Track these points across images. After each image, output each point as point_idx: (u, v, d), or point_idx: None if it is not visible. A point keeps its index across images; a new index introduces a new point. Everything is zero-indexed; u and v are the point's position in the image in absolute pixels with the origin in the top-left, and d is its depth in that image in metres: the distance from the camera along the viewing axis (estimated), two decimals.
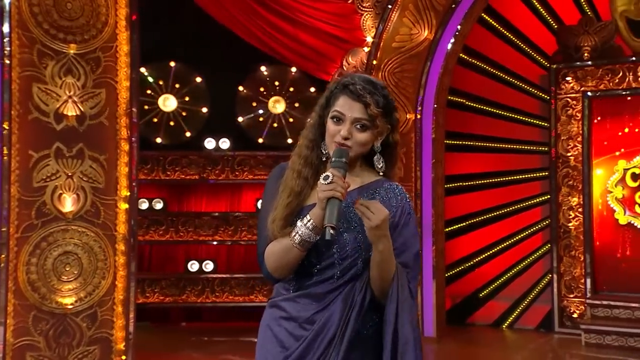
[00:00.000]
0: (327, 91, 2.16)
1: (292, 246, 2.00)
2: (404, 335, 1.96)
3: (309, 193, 2.10)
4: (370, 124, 2.05)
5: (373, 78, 2.13)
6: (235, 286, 7.70)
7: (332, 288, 2.03)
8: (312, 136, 2.17)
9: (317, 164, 2.13)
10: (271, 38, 7.61)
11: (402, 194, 2.12)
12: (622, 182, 7.34)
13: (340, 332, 1.97)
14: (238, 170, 7.75)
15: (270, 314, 2.15)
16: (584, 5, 7.67)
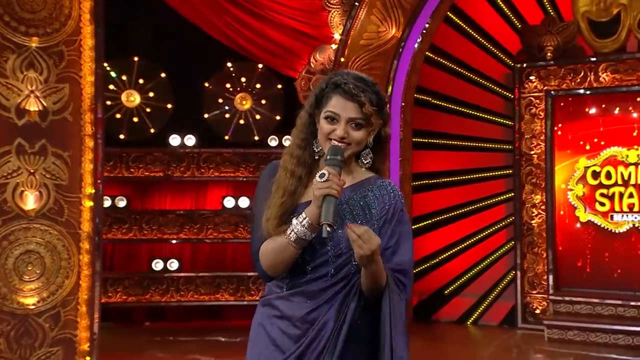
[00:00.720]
0: (317, 89, 2.14)
1: (288, 244, 2.00)
2: (399, 354, 1.95)
3: (302, 191, 2.09)
4: (365, 122, 2.05)
5: (363, 75, 2.11)
6: (201, 285, 7.61)
7: (325, 286, 2.03)
8: (304, 135, 2.15)
9: (310, 163, 2.13)
10: (238, 34, 7.53)
11: (395, 191, 2.13)
12: (582, 180, 7.49)
13: (334, 334, 1.98)
14: (204, 167, 7.66)
15: (262, 312, 2.14)
16: (546, 6, 7.79)
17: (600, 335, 6.77)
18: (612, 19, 7.31)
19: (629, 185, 7.29)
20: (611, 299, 7.01)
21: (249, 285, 7.60)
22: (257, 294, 7.59)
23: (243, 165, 7.67)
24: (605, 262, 7.36)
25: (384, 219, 2.05)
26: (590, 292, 7.23)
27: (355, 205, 2.08)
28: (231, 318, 7.91)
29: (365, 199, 2.09)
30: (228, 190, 7.87)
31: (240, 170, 7.67)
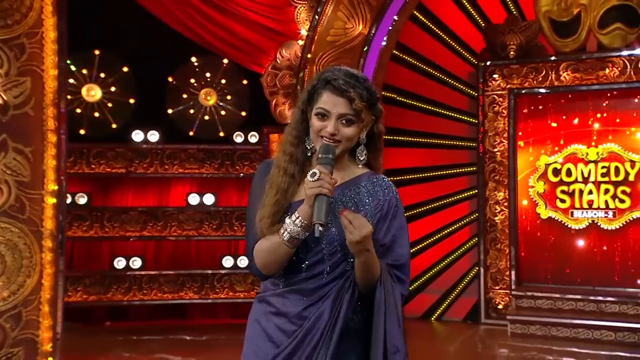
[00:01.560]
0: (308, 86, 2.13)
1: (281, 243, 2.00)
2: (393, 344, 1.96)
3: (296, 189, 2.09)
4: (355, 118, 2.05)
5: (354, 71, 2.10)
6: (165, 283, 7.49)
7: (322, 284, 2.04)
8: (296, 132, 2.15)
9: (302, 160, 2.13)
10: (202, 28, 7.42)
11: (389, 186, 2.13)
12: (544, 177, 7.63)
13: (329, 327, 1.98)
14: (167, 163, 7.54)
15: (258, 309, 2.14)
16: (509, 5, 7.88)
17: (562, 329, 6.91)
18: (572, 19, 7.44)
19: (589, 182, 7.45)
20: (571, 294, 7.15)
21: (214, 283, 7.50)
22: (222, 292, 7.51)
23: (208, 161, 7.57)
24: (566, 258, 7.52)
25: (379, 215, 2.07)
26: (552, 287, 7.38)
27: (349, 201, 2.08)
28: (195, 317, 7.82)
29: (359, 195, 2.10)
30: (192, 187, 7.77)
31: (205, 166, 7.57)
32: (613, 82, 7.26)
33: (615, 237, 7.36)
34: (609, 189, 7.37)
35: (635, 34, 7.18)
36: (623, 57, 7.22)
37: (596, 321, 6.83)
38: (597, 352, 6.24)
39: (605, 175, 7.38)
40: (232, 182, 7.85)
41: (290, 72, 7.23)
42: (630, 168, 7.30)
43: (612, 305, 6.95)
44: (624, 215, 7.31)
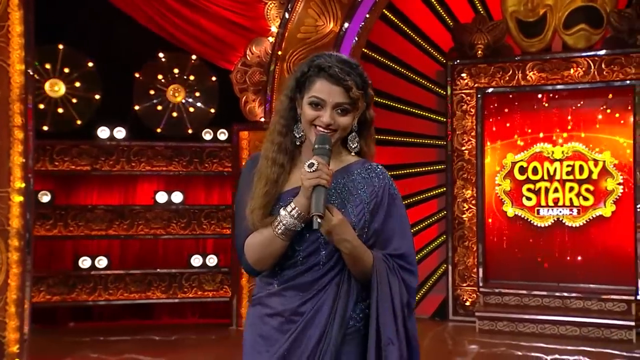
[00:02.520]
0: (297, 73, 2.04)
1: (275, 236, 1.93)
2: (386, 335, 1.91)
3: (286, 179, 2.02)
4: (351, 107, 1.98)
5: (345, 56, 2.03)
6: (131, 283, 7.36)
7: (318, 276, 1.97)
8: (284, 121, 2.07)
9: (291, 150, 2.05)
10: (170, 23, 7.33)
11: (384, 174, 2.08)
12: (510, 175, 7.73)
13: (329, 326, 1.92)
14: (134, 161, 7.40)
15: (254, 312, 2.07)
16: (477, 5, 7.96)
17: (528, 325, 7.02)
18: (538, 19, 7.55)
19: (554, 181, 7.57)
20: (537, 291, 7.26)
21: (182, 282, 7.40)
22: (190, 291, 7.42)
23: (176, 159, 7.46)
24: (532, 255, 7.63)
25: (375, 202, 2.00)
26: (518, 284, 7.48)
27: (343, 190, 2.01)
28: (162, 316, 7.72)
29: (354, 182, 2.03)
30: (160, 185, 7.66)
31: (173, 164, 7.46)
32: (578, 82, 7.39)
33: (579, 234, 7.51)
34: (573, 187, 7.51)
35: (599, 35, 7.33)
36: (587, 57, 7.35)
37: (561, 317, 6.96)
38: (563, 347, 6.35)
39: (570, 173, 7.52)
40: (201, 180, 7.76)
41: (261, 69, 7.18)
42: (594, 167, 7.45)
43: (576, 301, 7.08)
44: (588, 213, 7.46)
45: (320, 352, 1.91)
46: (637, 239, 7.10)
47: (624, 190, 7.33)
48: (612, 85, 7.31)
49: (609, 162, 7.39)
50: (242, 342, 2.09)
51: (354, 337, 1.97)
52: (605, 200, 7.39)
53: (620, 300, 6.94)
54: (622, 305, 6.92)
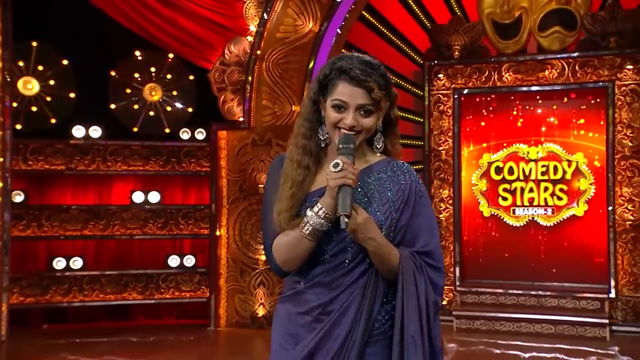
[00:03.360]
0: (320, 75, 2.04)
1: (302, 237, 1.95)
2: (409, 333, 1.91)
3: (312, 180, 2.04)
4: (374, 108, 1.98)
5: (367, 57, 2.02)
6: (107, 284, 7.26)
7: (343, 273, 1.98)
8: (309, 124, 2.07)
9: (316, 152, 2.06)
10: (147, 21, 7.25)
11: (410, 172, 2.07)
12: (486, 175, 7.81)
13: (355, 326, 1.93)
14: (110, 160, 7.31)
15: (282, 310, 2.08)
16: (454, 6, 8.03)
17: (505, 323, 7.10)
18: (514, 21, 7.65)
19: (529, 181, 7.68)
20: (513, 289, 7.36)
21: (159, 283, 7.33)
22: (167, 292, 7.35)
23: (153, 158, 7.38)
24: (508, 254, 7.73)
25: (401, 200, 2.01)
26: (495, 283, 7.56)
27: (369, 188, 2.02)
28: (138, 318, 7.63)
29: (380, 181, 2.03)
30: (136, 185, 7.57)
31: (150, 163, 7.38)
32: (552, 83, 7.50)
33: (553, 234, 7.62)
34: (548, 187, 7.62)
35: (573, 37, 7.45)
36: (561, 59, 7.46)
37: (537, 315, 7.06)
38: (540, 345, 6.44)
39: (544, 173, 7.63)
40: (178, 179, 7.69)
41: (239, 68, 7.15)
42: (568, 167, 7.57)
43: (551, 299, 7.19)
44: (561, 212, 7.58)
45: (345, 352, 1.92)
46: (609, 238, 7.23)
47: (596, 190, 7.46)
48: (585, 86, 7.44)
49: (581, 162, 7.52)
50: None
51: (379, 339, 1.97)
52: (578, 200, 7.52)
53: (593, 299, 7.06)
54: (595, 303, 7.05)
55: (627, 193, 7.19)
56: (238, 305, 7.21)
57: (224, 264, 7.25)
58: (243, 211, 7.23)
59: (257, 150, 7.18)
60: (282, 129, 7.10)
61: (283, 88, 7.07)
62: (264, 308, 7.13)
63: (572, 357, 5.99)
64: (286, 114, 7.11)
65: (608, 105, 7.29)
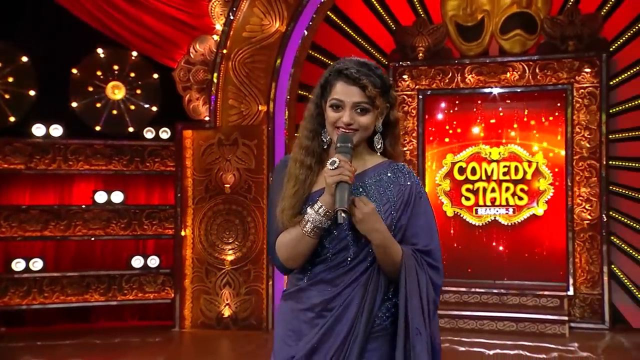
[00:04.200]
0: (321, 79, 2.13)
1: (304, 235, 2.00)
2: (414, 326, 1.96)
3: (314, 180, 2.10)
4: (370, 106, 2.04)
5: (366, 60, 2.10)
6: (68, 285, 7.11)
7: (345, 270, 2.03)
8: (312, 126, 2.15)
9: (319, 152, 2.13)
10: (110, 18, 7.13)
11: (410, 173, 2.13)
12: (449, 175, 7.93)
13: (357, 322, 1.98)
14: (72, 159, 7.15)
15: (285, 306, 2.13)
16: (418, 8, 8.11)
17: (468, 321, 7.21)
18: (476, 24, 7.78)
19: (491, 181, 7.82)
20: (476, 288, 7.48)
21: (122, 284, 7.22)
22: (130, 293, 7.24)
23: (116, 157, 7.26)
24: (471, 253, 7.86)
25: (401, 200, 2.06)
26: (458, 281, 7.67)
27: (370, 189, 2.07)
28: (100, 319, 7.50)
29: (381, 182, 2.08)
30: (98, 184, 7.43)
31: (112, 163, 7.26)
32: (514, 85, 7.65)
33: (514, 233, 7.78)
34: (509, 187, 7.78)
35: (533, 40, 7.61)
36: (522, 62, 7.61)
37: (499, 313, 7.19)
38: (503, 342, 6.56)
39: (506, 174, 7.78)
40: (142, 179, 7.59)
41: (205, 67, 7.09)
42: (528, 167, 7.74)
43: (513, 297, 7.33)
44: (522, 212, 7.74)
45: (347, 346, 1.97)
46: (568, 237, 7.41)
47: (555, 190, 7.64)
48: (545, 89, 7.60)
49: (541, 163, 7.69)
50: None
51: (380, 335, 2.03)
52: (538, 199, 7.69)
53: (553, 296, 7.22)
54: (555, 300, 7.21)
55: (584, 193, 7.38)
56: (203, 306, 7.15)
57: (189, 264, 7.19)
58: (209, 211, 7.17)
59: (223, 150, 7.13)
60: (249, 129, 7.07)
61: (250, 88, 7.04)
62: (229, 308, 7.09)
63: (535, 354, 6.12)
64: (253, 113, 7.08)
65: (567, 107, 7.46)
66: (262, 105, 7.02)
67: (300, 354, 2.01)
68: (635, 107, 7.32)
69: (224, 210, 7.14)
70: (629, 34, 7.34)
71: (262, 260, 7.08)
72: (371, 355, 2.00)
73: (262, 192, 7.06)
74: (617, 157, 7.39)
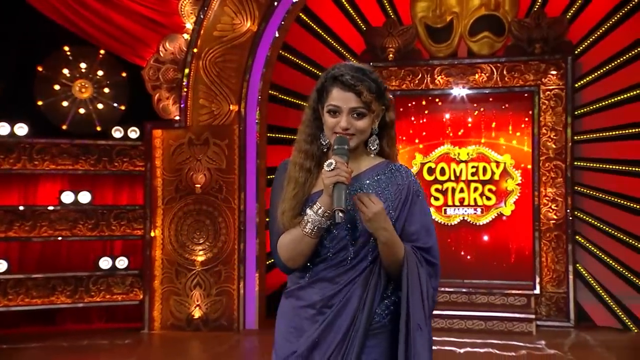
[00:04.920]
0: (318, 84, 2.18)
1: (304, 235, 2.06)
2: (416, 322, 2.02)
3: (314, 182, 2.16)
4: (366, 110, 2.10)
5: (360, 65, 2.16)
6: (33, 287, 6.96)
7: (346, 269, 2.09)
8: (310, 130, 2.21)
9: (318, 156, 2.18)
10: (77, 15, 7.01)
11: (408, 173, 2.19)
12: (419, 175, 7.98)
13: (358, 316, 2.04)
14: (37, 159, 7.01)
15: (287, 304, 2.19)
16: (388, 9, 8.14)
17: (438, 320, 7.25)
18: (446, 26, 7.85)
19: (460, 181, 7.91)
20: (445, 287, 7.55)
21: (89, 286, 7.09)
22: (97, 295, 7.13)
23: (83, 157, 7.13)
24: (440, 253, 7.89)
25: (399, 199, 2.12)
26: None
27: (368, 190, 2.13)
28: (65, 322, 7.36)
29: (379, 182, 2.15)
30: (64, 184, 7.29)
31: (79, 162, 7.13)
32: (482, 86, 7.73)
33: (482, 233, 7.89)
34: (477, 187, 7.88)
35: (501, 42, 7.72)
36: (490, 63, 7.70)
37: (468, 312, 7.26)
38: (472, 340, 6.63)
39: (474, 174, 7.88)
40: (110, 179, 7.47)
41: (175, 66, 7.02)
42: (496, 168, 7.85)
43: (481, 296, 7.42)
44: (490, 212, 7.85)
45: (348, 341, 2.03)
46: (534, 236, 7.53)
47: (522, 190, 7.76)
48: (513, 90, 7.70)
49: (509, 163, 7.81)
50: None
51: (379, 332, 2.09)
52: (505, 200, 7.81)
53: (520, 295, 7.33)
54: (522, 299, 7.32)
55: (551, 193, 7.51)
56: (173, 307, 7.07)
57: (158, 265, 7.10)
58: (179, 211, 7.09)
59: (193, 150, 7.06)
60: (220, 128, 7.02)
61: (221, 87, 6.98)
62: (200, 309, 7.03)
63: (504, 352, 6.20)
64: (224, 113, 7.02)
65: (534, 109, 7.58)
66: (234, 105, 6.98)
67: (302, 348, 2.07)
68: (600, 109, 7.47)
69: (195, 210, 7.07)
70: (594, 37, 7.48)
71: (233, 261, 7.03)
72: (371, 351, 2.07)
73: (233, 192, 7.02)
74: (582, 158, 7.53)
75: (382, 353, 2.08)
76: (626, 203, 7.26)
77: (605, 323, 7.27)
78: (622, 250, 7.26)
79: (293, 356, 2.09)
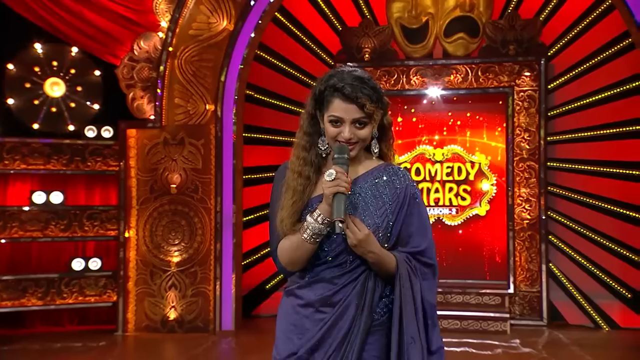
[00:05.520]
0: (315, 91, 2.17)
1: (303, 241, 2.10)
2: (409, 335, 2.05)
3: (313, 188, 2.18)
4: (368, 120, 2.13)
5: (358, 72, 2.15)
6: (3, 289, 6.82)
7: (346, 271, 2.13)
8: (308, 137, 2.22)
9: (317, 162, 2.19)
10: (49, 13, 6.88)
11: (405, 175, 2.21)
12: None
13: (357, 318, 2.08)
14: (7, 158, 6.87)
15: (287, 302, 2.23)
16: (363, 9, 8.14)
17: None
18: (421, 26, 7.87)
19: (435, 181, 7.95)
20: None
21: (61, 287, 6.97)
22: (70, 296, 7.00)
23: (55, 157, 7.01)
24: None
25: (396, 202, 2.16)
26: None
27: (367, 193, 2.17)
28: (35, 324, 7.22)
29: (377, 185, 2.18)
30: (35, 184, 7.15)
31: (51, 162, 7.00)
32: (457, 87, 7.78)
33: (457, 232, 7.94)
34: (452, 188, 7.93)
35: (476, 43, 7.77)
36: (465, 64, 7.76)
37: (444, 311, 7.29)
38: (448, 339, 6.67)
39: (449, 174, 7.93)
40: (83, 179, 7.34)
41: (150, 65, 6.93)
42: (471, 168, 7.91)
43: (456, 295, 7.47)
44: (465, 212, 7.91)
45: (348, 341, 2.08)
46: (508, 236, 7.60)
47: (497, 190, 7.83)
48: (487, 91, 7.77)
49: (484, 164, 7.88)
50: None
51: (378, 329, 2.13)
52: (480, 200, 7.87)
53: (495, 294, 7.40)
54: (497, 298, 7.38)
55: (524, 193, 7.59)
56: (148, 309, 6.98)
57: (133, 266, 7.00)
58: (154, 212, 7.00)
59: (169, 150, 6.98)
60: (196, 128, 6.95)
61: (196, 86, 6.92)
62: (175, 311, 6.95)
63: (480, 351, 6.25)
64: (200, 112, 6.96)
65: (507, 110, 7.65)
66: (210, 105, 6.91)
67: (302, 351, 2.11)
68: (573, 110, 7.57)
69: (170, 211, 6.99)
70: (566, 39, 7.59)
71: (209, 262, 6.97)
72: (371, 348, 2.11)
73: (210, 193, 6.96)
74: (555, 158, 7.63)
75: (381, 349, 2.12)
76: (598, 203, 7.38)
77: (577, 321, 7.38)
78: (594, 249, 7.38)
79: (293, 357, 2.12)
